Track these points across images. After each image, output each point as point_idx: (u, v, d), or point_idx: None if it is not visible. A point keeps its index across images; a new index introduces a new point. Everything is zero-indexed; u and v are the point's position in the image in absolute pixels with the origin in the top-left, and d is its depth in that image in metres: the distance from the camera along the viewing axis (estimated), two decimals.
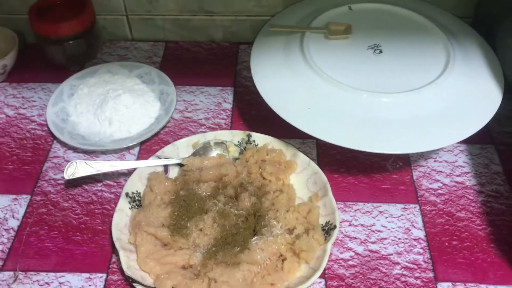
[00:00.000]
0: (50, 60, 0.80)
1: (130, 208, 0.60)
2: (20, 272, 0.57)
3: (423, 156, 0.69)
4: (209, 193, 0.60)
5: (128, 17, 0.84)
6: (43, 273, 0.57)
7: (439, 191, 0.65)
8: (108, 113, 0.70)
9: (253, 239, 0.56)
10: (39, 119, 0.74)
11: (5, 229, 0.61)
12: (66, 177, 0.61)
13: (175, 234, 0.56)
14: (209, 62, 0.83)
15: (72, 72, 0.79)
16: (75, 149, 0.70)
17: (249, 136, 0.67)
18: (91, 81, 0.76)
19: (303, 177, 0.64)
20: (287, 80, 0.65)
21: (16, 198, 0.64)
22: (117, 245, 0.55)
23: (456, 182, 0.66)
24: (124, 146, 0.69)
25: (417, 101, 0.62)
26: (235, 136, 0.67)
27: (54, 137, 0.71)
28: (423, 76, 0.64)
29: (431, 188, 0.65)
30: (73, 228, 0.61)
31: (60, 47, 0.77)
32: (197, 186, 0.61)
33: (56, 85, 0.77)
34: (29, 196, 0.64)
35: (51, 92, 0.77)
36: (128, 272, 0.53)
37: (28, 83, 0.79)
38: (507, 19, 0.68)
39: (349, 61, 0.66)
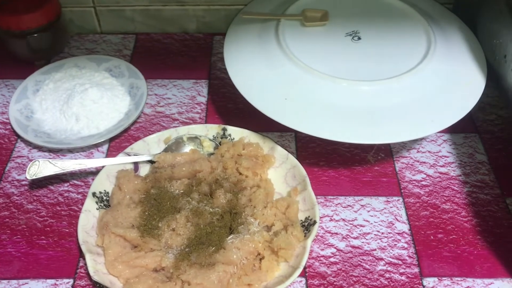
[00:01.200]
0: (13, 55, 0.76)
1: (97, 209, 0.56)
2: None
3: (406, 146, 0.66)
4: (182, 191, 0.57)
5: (96, 9, 0.80)
6: (5, 281, 0.53)
7: (423, 183, 0.62)
8: (75, 109, 0.67)
9: (229, 237, 0.52)
10: (2, 117, 0.70)
11: None
12: (29, 177, 0.57)
13: (146, 235, 0.53)
14: (182, 54, 0.80)
15: (37, 67, 0.74)
16: (40, 148, 0.66)
17: (224, 130, 0.64)
18: (57, 76, 0.72)
19: (281, 171, 0.61)
20: (263, 70, 0.62)
21: None
22: (83, 248, 0.52)
23: (440, 173, 0.64)
24: (92, 144, 0.65)
25: (398, 89, 0.60)
26: (210, 130, 0.64)
27: (18, 136, 0.67)
28: (403, 63, 0.61)
29: (414, 180, 0.63)
30: (37, 231, 0.58)
31: (23, 40, 0.73)
32: (169, 184, 0.57)
33: (20, 81, 0.73)
34: None
35: (15, 88, 0.73)
36: (95, 277, 0.50)
37: None
38: (489, 3, 0.66)
39: (326, 48, 0.63)
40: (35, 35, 0.73)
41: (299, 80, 0.61)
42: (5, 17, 0.71)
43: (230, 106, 0.71)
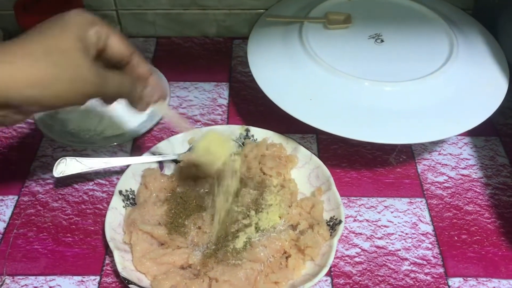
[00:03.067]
0: None
1: (124, 207, 0.57)
2: (7, 276, 0.54)
3: (427, 149, 0.67)
4: (207, 190, 0.58)
5: (118, 12, 0.81)
6: (32, 277, 0.54)
7: (445, 184, 0.63)
8: (98, 109, 0.67)
9: (255, 236, 0.53)
10: None
11: None
12: (56, 175, 0.58)
13: (173, 232, 0.53)
14: (203, 57, 0.81)
15: None
16: (64, 147, 0.66)
17: (247, 130, 0.64)
18: None
19: (304, 171, 0.61)
20: (287, 71, 0.63)
21: (2, 199, 0.61)
22: (111, 245, 0.52)
23: (462, 175, 0.64)
24: (116, 143, 0.66)
25: (421, 91, 0.60)
26: (233, 131, 0.65)
27: (43, 135, 0.68)
28: (426, 65, 0.62)
29: (436, 182, 0.63)
30: (63, 229, 0.58)
31: None
32: (194, 183, 0.58)
33: None
34: (16, 197, 0.61)
35: None
36: (124, 273, 0.50)
37: None
38: (509, 8, 0.66)
39: (350, 50, 0.64)
40: None
41: (323, 81, 0.61)
42: (31, 19, 0.72)
43: (250, 108, 0.72)
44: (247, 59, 0.66)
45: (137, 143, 0.67)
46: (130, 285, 0.49)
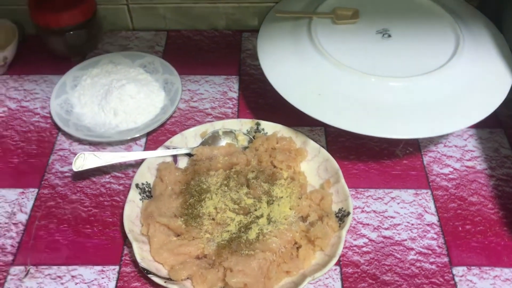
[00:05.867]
0: (51, 51, 0.79)
1: (140, 199, 0.59)
2: (31, 266, 0.56)
3: (433, 141, 0.69)
4: (220, 183, 0.60)
5: (129, 6, 0.83)
6: (55, 267, 0.56)
7: (450, 176, 0.65)
8: (113, 104, 0.69)
9: (267, 227, 0.55)
10: (43, 112, 0.73)
11: (14, 223, 0.60)
12: (75, 169, 0.60)
13: (188, 224, 0.56)
14: (212, 50, 0.82)
15: (73, 63, 0.77)
16: (80, 141, 0.69)
17: (258, 124, 0.66)
18: (93, 71, 0.75)
19: (313, 164, 0.63)
20: (296, 66, 0.65)
21: (23, 192, 0.63)
22: (130, 236, 0.55)
23: (467, 166, 0.66)
24: (131, 137, 0.68)
25: (427, 85, 0.62)
26: (244, 124, 0.67)
27: (59, 129, 0.70)
28: (433, 60, 0.63)
29: (442, 173, 0.65)
30: (82, 220, 0.61)
31: (61, 37, 0.76)
32: (208, 176, 0.60)
33: (57, 76, 0.76)
34: (36, 190, 0.63)
35: (53, 84, 0.76)
36: (142, 264, 0.53)
37: (29, 75, 0.78)
38: None
39: (358, 45, 0.65)
40: (72, 32, 0.75)
41: (331, 75, 0.63)
42: (45, 15, 0.74)
43: (260, 102, 0.74)
44: (257, 53, 0.67)
45: (151, 137, 0.69)
46: (149, 275, 0.52)
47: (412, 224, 0.60)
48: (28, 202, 0.62)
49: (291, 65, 0.65)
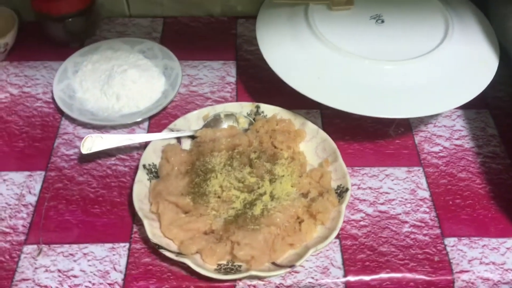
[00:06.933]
0: (50, 38, 0.80)
1: (148, 179, 0.62)
2: (43, 245, 0.58)
3: (423, 121, 0.72)
4: (224, 163, 0.62)
5: None
6: (67, 245, 0.59)
7: (440, 154, 0.68)
8: (115, 89, 0.71)
9: (271, 203, 0.58)
10: (45, 97, 0.74)
11: (24, 205, 0.62)
12: (84, 152, 0.62)
13: (195, 202, 0.58)
14: (209, 36, 0.84)
15: (72, 49, 0.78)
16: (84, 125, 0.70)
17: (257, 107, 0.69)
18: (94, 57, 0.76)
19: (312, 144, 0.66)
20: (295, 51, 0.67)
21: (30, 175, 0.65)
22: (140, 214, 0.57)
23: (456, 145, 0.70)
24: (134, 121, 0.70)
25: (418, 69, 0.65)
26: (244, 107, 0.69)
27: (63, 114, 0.72)
28: (423, 45, 0.67)
29: (432, 152, 0.69)
30: (91, 201, 0.63)
31: (60, 24, 0.77)
32: (212, 156, 0.63)
33: (57, 62, 0.77)
34: (43, 172, 0.65)
35: (53, 69, 0.77)
36: (154, 240, 0.55)
37: (29, 62, 0.79)
38: None
39: (353, 31, 0.68)
40: (72, 19, 0.77)
41: (327, 59, 0.66)
42: (45, 2, 0.75)
43: (257, 86, 0.76)
44: (256, 39, 0.70)
45: (153, 121, 0.72)
46: (161, 250, 0.54)
47: (406, 199, 0.64)
48: (36, 184, 0.64)
49: (290, 50, 0.68)
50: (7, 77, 0.77)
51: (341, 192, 0.61)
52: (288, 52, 0.67)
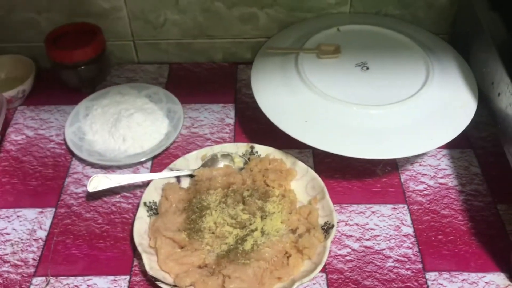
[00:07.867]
0: (64, 84, 0.87)
1: (148, 216, 0.67)
2: (51, 277, 0.63)
3: (409, 161, 0.76)
4: (219, 200, 0.67)
5: (134, 42, 0.91)
6: (72, 277, 0.63)
7: (425, 192, 0.72)
8: (122, 131, 0.77)
9: (261, 239, 0.62)
10: (57, 139, 0.80)
11: (34, 239, 0.67)
12: (90, 190, 0.68)
13: (191, 237, 0.63)
14: (211, 81, 0.90)
15: (84, 94, 0.85)
16: (93, 165, 0.76)
17: (252, 147, 0.74)
18: (103, 102, 0.83)
19: (302, 183, 0.71)
20: (285, 96, 0.73)
21: (42, 211, 0.70)
22: (139, 249, 0.62)
23: (440, 183, 0.73)
24: (138, 161, 0.75)
25: (402, 112, 0.70)
26: (240, 148, 0.74)
27: (73, 155, 0.77)
28: (406, 89, 0.72)
29: (417, 190, 0.73)
30: (96, 236, 0.68)
31: (74, 72, 0.84)
32: (208, 194, 0.67)
33: (70, 106, 0.84)
34: (53, 209, 0.71)
35: (66, 113, 0.83)
36: (151, 272, 0.60)
37: (45, 106, 0.86)
38: (479, 37, 0.76)
39: (339, 77, 0.74)
40: (84, 66, 0.84)
41: (316, 104, 0.71)
42: (60, 52, 0.82)
43: (254, 127, 0.82)
44: (251, 84, 0.76)
45: (156, 160, 0.77)
46: (157, 282, 0.59)
47: (390, 235, 0.67)
48: (47, 220, 0.69)
49: (281, 95, 0.73)
50: (24, 120, 0.83)
51: (327, 228, 0.65)
52: (280, 97, 0.73)
